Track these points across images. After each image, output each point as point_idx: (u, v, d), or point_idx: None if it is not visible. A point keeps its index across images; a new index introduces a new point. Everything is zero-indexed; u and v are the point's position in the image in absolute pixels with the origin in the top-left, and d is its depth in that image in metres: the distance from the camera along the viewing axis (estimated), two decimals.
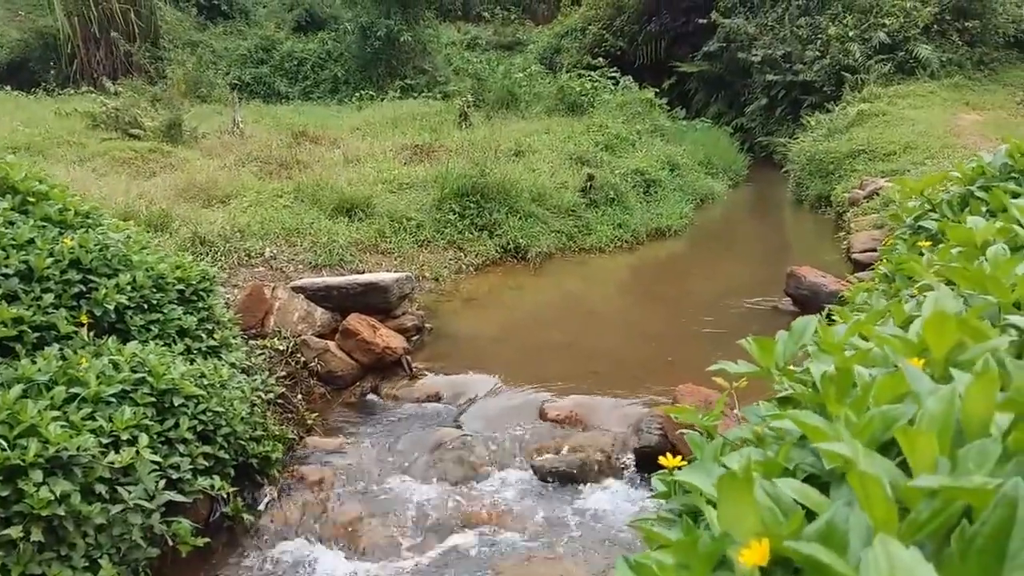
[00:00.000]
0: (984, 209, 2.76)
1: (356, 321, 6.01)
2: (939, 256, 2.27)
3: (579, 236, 10.15)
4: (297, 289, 6.35)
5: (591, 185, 10.99)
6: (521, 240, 9.41)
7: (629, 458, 4.87)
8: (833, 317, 3.07)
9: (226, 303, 5.90)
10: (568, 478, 4.72)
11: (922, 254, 2.50)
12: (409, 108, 16.88)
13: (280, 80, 22.31)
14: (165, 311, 4.77)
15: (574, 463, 4.79)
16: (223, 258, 7.29)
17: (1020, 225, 2.13)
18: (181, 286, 5.00)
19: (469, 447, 5.02)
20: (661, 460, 1.42)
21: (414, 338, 6.68)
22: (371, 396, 5.87)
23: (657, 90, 17.81)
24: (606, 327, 7.60)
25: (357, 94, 19.40)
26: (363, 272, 7.48)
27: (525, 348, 6.89)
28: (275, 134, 13.38)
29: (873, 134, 12.73)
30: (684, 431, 1.69)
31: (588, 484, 4.72)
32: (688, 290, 8.98)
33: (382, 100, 18.61)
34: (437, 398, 5.74)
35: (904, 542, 0.63)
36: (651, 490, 2.69)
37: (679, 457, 1.46)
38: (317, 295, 6.33)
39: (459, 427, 5.34)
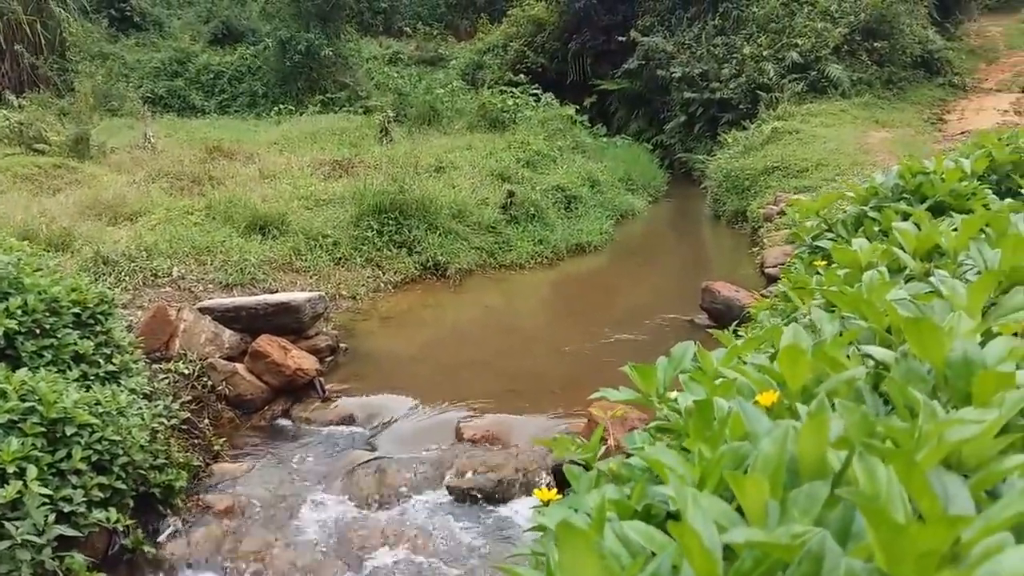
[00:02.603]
0: (876, 229, 2.87)
1: (266, 342, 5.86)
2: (826, 278, 2.33)
3: (500, 252, 10.17)
4: (204, 310, 6.16)
5: (512, 201, 11.04)
6: (441, 257, 9.37)
7: (546, 476, 4.88)
8: (740, 334, 3.13)
9: (128, 326, 5.69)
10: (485, 498, 4.70)
11: (818, 273, 2.57)
12: (329, 123, 16.67)
13: (196, 94, 21.75)
14: (59, 336, 4.58)
15: (490, 483, 4.76)
16: (127, 278, 7.02)
17: (902, 248, 2.20)
18: (77, 309, 4.81)
19: (383, 470, 4.94)
20: (536, 493, 1.41)
21: (328, 359, 6.56)
22: (282, 420, 5.73)
23: (578, 107, 18.05)
24: (526, 344, 7.61)
25: (276, 108, 19.06)
26: (276, 291, 7.31)
27: (443, 367, 6.85)
28: (188, 149, 13.01)
29: (787, 151, 13.15)
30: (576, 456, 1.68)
31: (505, 503, 4.70)
32: (608, 305, 9.08)
33: (301, 114, 18.34)
34: (351, 420, 5.64)
35: None
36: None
37: (554, 490, 1.45)
38: (226, 316, 6.15)
39: (373, 449, 5.25)
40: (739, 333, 3.67)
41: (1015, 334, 1.30)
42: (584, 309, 9.03)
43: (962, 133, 13.08)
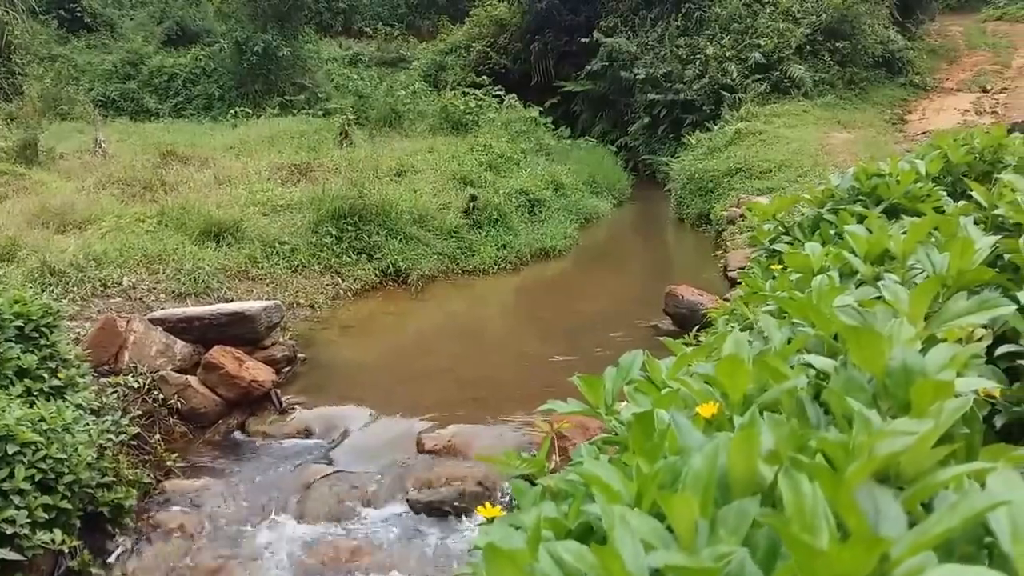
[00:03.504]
0: (833, 232, 2.89)
1: (220, 354, 5.76)
2: (777, 283, 2.34)
3: (462, 258, 10.14)
4: (155, 321, 6.04)
5: (474, 206, 11.02)
6: (402, 263, 9.31)
7: (508, 487, 4.86)
8: (701, 340, 3.13)
9: (75, 338, 5.57)
10: (445, 511, 4.66)
11: (774, 277, 2.58)
12: (287, 126, 16.51)
13: (149, 96, 21.47)
14: (1, 350, 4.47)
15: (451, 495, 4.73)
16: (75, 289, 6.87)
17: (854, 252, 2.21)
18: (20, 322, 4.70)
19: (342, 484, 4.88)
20: (479, 510, 1.39)
21: (285, 370, 6.47)
22: (237, 433, 5.64)
23: (542, 109, 18.10)
24: (488, 351, 7.59)
25: (232, 111, 18.84)
26: (231, 300, 7.21)
27: (404, 376, 6.79)
28: (141, 154, 12.79)
29: (750, 152, 13.31)
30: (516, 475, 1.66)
31: (466, 516, 4.67)
32: (572, 311, 9.09)
33: (259, 117, 18.14)
34: (308, 433, 5.57)
35: None
36: None
37: (499, 507, 1.43)
38: (178, 327, 6.04)
39: (332, 463, 5.19)
40: (700, 339, 3.69)
41: (960, 340, 1.31)
42: (548, 315, 9.04)
43: (923, 133, 13.35)
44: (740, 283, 4.02)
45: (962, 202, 2.65)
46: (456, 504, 4.68)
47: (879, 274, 1.93)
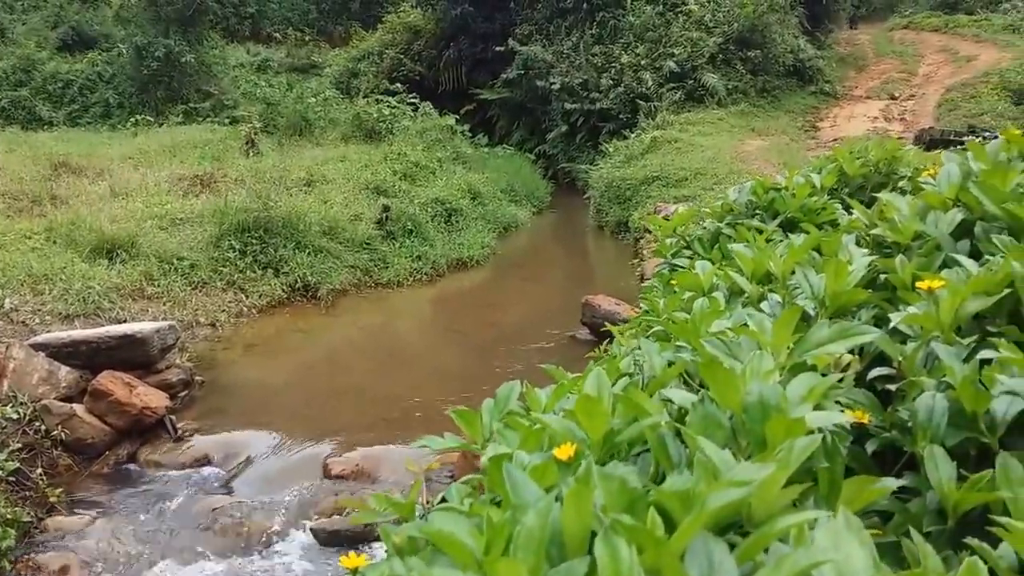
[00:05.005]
0: (743, 245, 2.92)
1: (108, 380, 5.50)
2: (669, 302, 2.34)
3: (375, 270, 10.00)
4: (38, 346, 5.73)
5: (388, 216, 10.89)
6: (311, 277, 9.11)
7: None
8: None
9: None
10: (351, 539, 4.54)
11: (675, 292, 2.58)
12: (191, 134, 16.02)
13: (42, 104, 20.53)
14: None
15: (357, 523, 4.61)
16: None
17: (740, 272, 2.23)
18: None
19: (241, 515, 4.72)
20: (342, 561, 1.32)
21: (181, 394, 6.23)
22: (128, 464, 5.39)
23: (458, 117, 18.06)
24: (402, 368, 7.48)
25: (132, 119, 18.16)
26: (124, 321, 6.91)
27: (312, 396, 6.63)
28: (31, 165, 12.17)
29: (666, 160, 13.56)
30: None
31: (373, 544, 4.56)
32: (490, 323, 9.06)
33: (161, 125, 17.57)
34: (206, 461, 5.36)
35: None
36: None
37: (363, 555, 1.37)
38: (63, 352, 5.74)
39: (230, 492, 5.01)
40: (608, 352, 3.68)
41: (824, 372, 1.31)
42: (466, 327, 8.99)
43: (834, 140, 13.84)
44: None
45: (851, 218, 2.71)
46: (363, 532, 4.57)
47: (764, 294, 1.95)
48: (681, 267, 3.17)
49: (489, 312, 9.56)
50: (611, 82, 17.85)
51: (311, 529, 4.60)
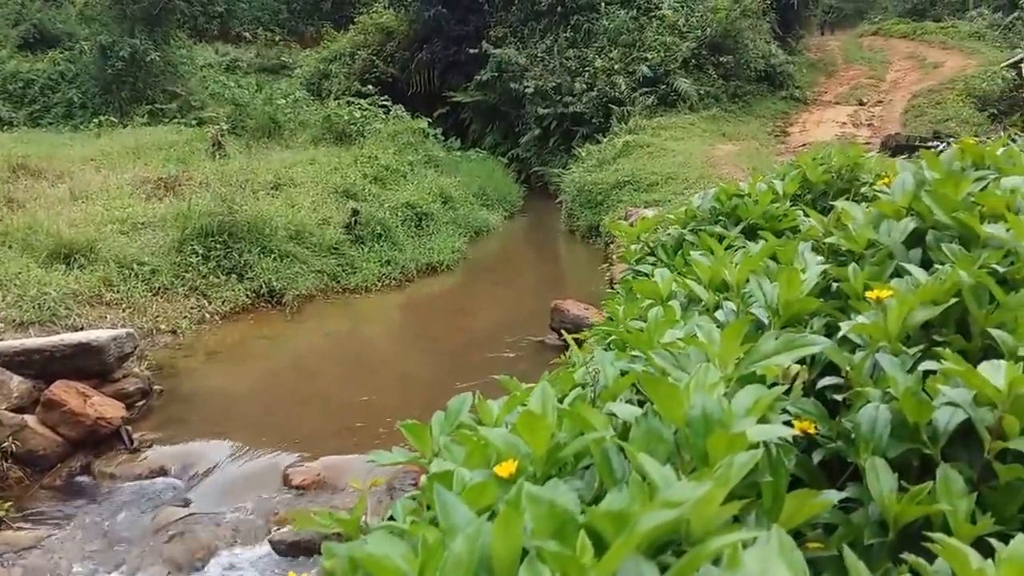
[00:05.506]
0: (699, 253, 2.92)
1: (62, 389, 5.40)
2: (628, 310, 2.33)
3: (343, 275, 9.92)
4: None
5: (357, 220, 10.82)
6: (276, 283, 9.02)
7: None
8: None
9: None
10: (310, 551, 4.48)
11: (636, 299, 2.57)
12: (156, 136, 15.84)
13: (2, 104, 20.22)
14: None
15: (319, 534, 4.56)
16: None
17: (698, 280, 2.22)
18: None
19: (199, 527, 4.64)
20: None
21: (139, 404, 6.13)
22: (82, 477, 5.29)
23: (431, 120, 18.01)
24: (369, 375, 7.42)
25: (96, 120, 17.91)
26: (80, 329, 6.79)
27: (275, 405, 6.56)
28: None
29: (637, 165, 13.63)
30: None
31: None
32: (459, 328, 9.03)
33: (125, 126, 17.35)
34: (163, 472, 5.28)
35: None
36: None
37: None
38: (14, 361, 5.63)
39: (188, 504, 4.93)
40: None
41: (772, 383, 1.30)
42: (435, 333, 8.95)
43: (803, 145, 14.00)
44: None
45: (809, 224, 2.73)
46: (321, 543, 4.51)
47: (720, 302, 1.95)
48: (645, 274, 3.18)
49: (459, 317, 9.52)
50: (584, 86, 17.92)
51: (271, 541, 4.54)
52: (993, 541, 0.91)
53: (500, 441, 1.15)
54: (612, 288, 8.71)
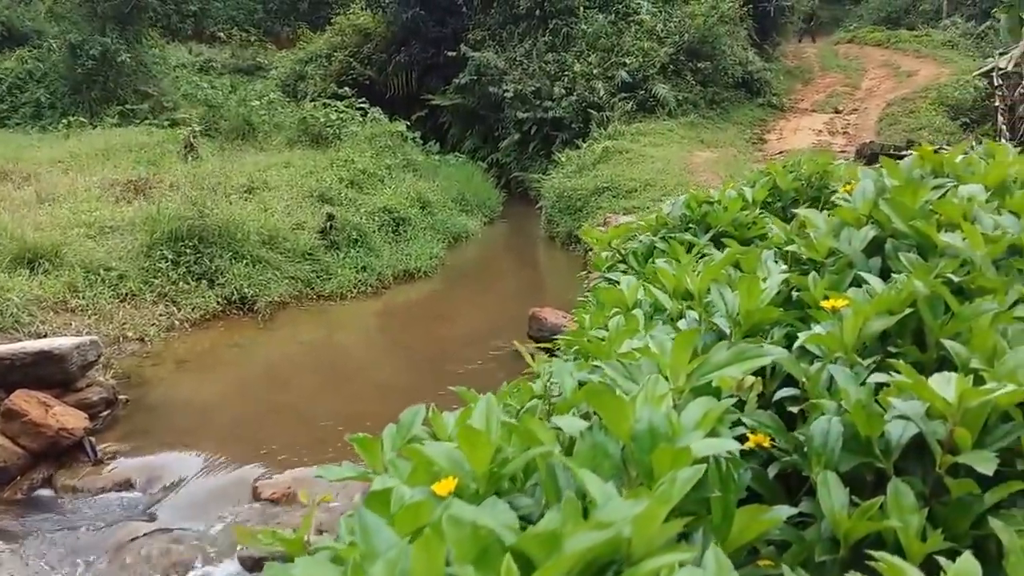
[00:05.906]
0: (663, 261, 2.92)
1: (23, 399, 5.32)
2: (593, 319, 2.31)
3: (317, 282, 9.86)
4: None
5: (332, 225, 10.77)
6: (248, 289, 8.94)
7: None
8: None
9: None
10: None
11: (602, 308, 2.55)
12: (127, 137, 15.70)
13: None
14: None
15: (285, 550, 4.50)
16: None
17: (663, 289, 2.21)
18: None
19: (163, 543, 4.57)
20: None
21: (103, 414, 6.04)
22: (43, 490, 5.21)
23: (409, 123, 17.97)
24: (344, 384, 7.38)
25: (65, 120, 17.73)
26: (44, 336, 6.69)
27: (246, 415, 6.49)
28: None
29: (616, 171, 13.67)
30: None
31: None
32: (436, 336, 9.00)
33: (95, 127, 17.17)
34: (128, 486, 5.20)
35: None
36: None
37: None
38: None
39: (153, 519, 4.86)
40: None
41: (730, 395, 1.29)
42: (411, 341, 8.91)
43: (780, 152, 14.11)
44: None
45: (774, 233, 2.73)
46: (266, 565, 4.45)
47: (683, 311, 1.94)
48: (616, 281, 3.16)
49: (436, 325, 9.49)
50: (564, 91, 17.97)
51: (239, 556, 4.48)
52: (942, 560, 0.90)
53: (443, 457, 1.13)
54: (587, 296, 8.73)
